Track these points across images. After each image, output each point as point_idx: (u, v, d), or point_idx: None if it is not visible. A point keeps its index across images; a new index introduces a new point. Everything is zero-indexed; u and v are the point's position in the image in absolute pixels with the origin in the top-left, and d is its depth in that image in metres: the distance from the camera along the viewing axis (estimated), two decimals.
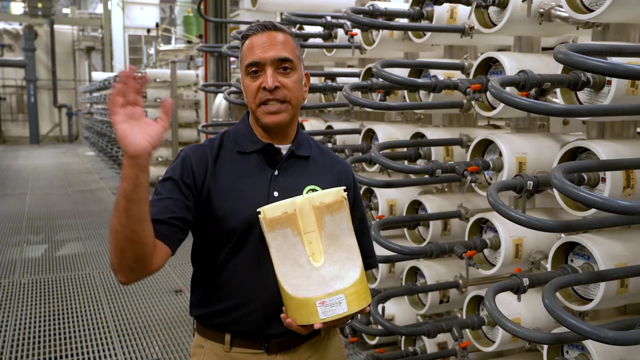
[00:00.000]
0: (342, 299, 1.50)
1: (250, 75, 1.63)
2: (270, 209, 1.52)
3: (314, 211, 1.52)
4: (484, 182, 2.78)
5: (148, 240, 1.44)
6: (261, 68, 1.61)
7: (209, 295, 1.69)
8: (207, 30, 7.65)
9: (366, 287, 1.57)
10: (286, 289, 1.52)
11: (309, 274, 1.51)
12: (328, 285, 1.50)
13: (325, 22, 3.90)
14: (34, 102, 22.84)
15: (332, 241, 1.54)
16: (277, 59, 1.61)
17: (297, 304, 1.51)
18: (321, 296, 1.49)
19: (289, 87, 1.62)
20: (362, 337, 3.85)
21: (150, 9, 24.99)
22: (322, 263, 1.52)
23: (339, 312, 1.49)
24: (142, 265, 1.47)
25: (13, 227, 7.95)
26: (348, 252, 1.55)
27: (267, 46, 1.61)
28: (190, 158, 1.65)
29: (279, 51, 1.61)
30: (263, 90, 1.61)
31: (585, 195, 1.71)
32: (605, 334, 1.76)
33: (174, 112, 10.20)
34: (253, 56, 1.61)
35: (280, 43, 1.62)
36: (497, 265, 2.75)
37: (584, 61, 1.75)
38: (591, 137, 2.57)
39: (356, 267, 1.55)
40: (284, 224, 1.51)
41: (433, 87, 2.88)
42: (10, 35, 24.51)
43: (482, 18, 2.81)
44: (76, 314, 4.74)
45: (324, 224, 1.53)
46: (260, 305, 1.64)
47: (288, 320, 1.54)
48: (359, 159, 3.46)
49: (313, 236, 1.52)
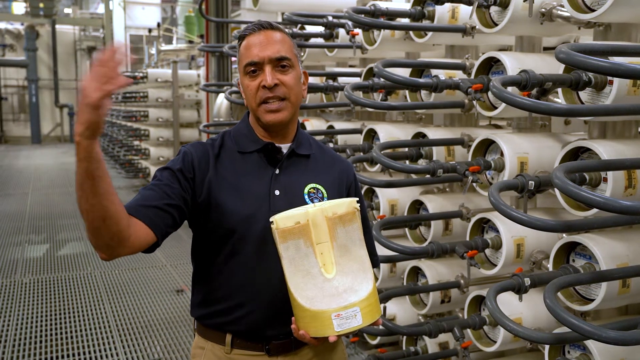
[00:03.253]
0: (357, 312, 1.48)
1: (249, 75, 1.63)
2: (283, 219, 1.50)
3: (327, 222, 1.51)
4: (485, 182, 2.78)
5: (120, 214, 1.41)
6: (259, 67, 1.61)
7: (210, 295, 1.69)
8: (208, 30, 7.66)
9: (377, 298, 1.57)
10: (299, 300, 1.50)
11: (322, 285, 1.50)
12: (342, 298, 1.49)
13: (326, 21, 3.90)
14: (35, 102, 22.86)
15: (344, 252, 1.53)
16: (275, 57, 1.61)
17: (311, 316, 1.49)
18: (337, 309, 1.48)
19: (288, 85, 1.62)
20: (364, 337, 3.85)
21: (151, 8, 24.99)
22: (334, 274, 1.51)
23: (354, 325, 1.48)
24: (119, 241, 1.44)
25: (15, 226, 7.96)
26: (360, 263, 1.55)
27: (265, 45, 1.61)
28: (192, 153, 1.65)
29: (277, 50, 1.61)
30: (263, 89, 1.61)
31: (586, 195, 1.71)
32: (606, 334, 1.75)
33: (176, 112, 10.22)
34: (251, 56, 1.61)
35: (277, 42, 1.62)
36: (499, 265, 2.75)
37: (585, 61, 1.75)
38: (593, 137, 2.57)
39: (369, 279, 1.54)
40: (297, 235, 1.50)
41: (434, 87, 2.88)
42: (12, 35, 24.54)
43: (483, 18, 2.81)
44: (77, 314, 4.74)
45: (336, 235, 1.52)
46: (261, 304, 1.64)
47: (301, 332, 1.52)
48: (360, 159, 3.46)
49: (325, 247, 1.51)
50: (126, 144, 11.90)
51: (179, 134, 10.34)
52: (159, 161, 10.55)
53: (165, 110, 10.69)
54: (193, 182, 1.62)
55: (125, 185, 11.45)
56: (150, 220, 1.51)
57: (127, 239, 1.45)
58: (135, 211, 1.51)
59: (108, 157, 14.34)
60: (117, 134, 12.55)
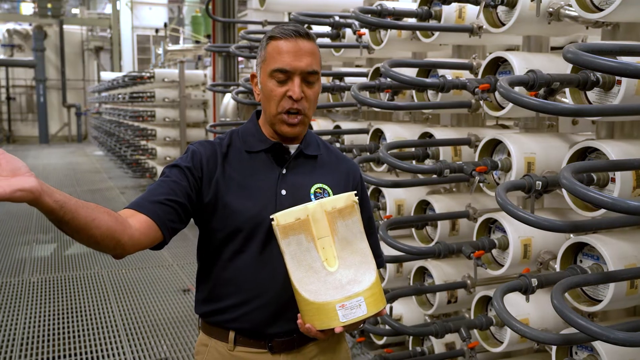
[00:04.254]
0: (361, 302, 1.50)
1: (276, 80, 1.61)
2: (283, 216, 1.52)
3: (327, 216, 1.52)
4: (492, 182, 2.77)
5: (111, 229, 1.39)
6: (289, 76, 1.60)
7: (214, 292, 1.69)
8: (215, 30, 7.66)
9: (381, 289, 1.58)
10: (303, 294, 1.51)
11: (325, 278, 1.51)
12: (345, 289, 1.50)
13: (333, 21, 3.90)
14: (43, 102, 22.96)
15: (345, 246, 1.55)
16: (307, 71, 1.60)
17: (316, 309, 1.51)
18: (341, 299, 1.49)
19: (310, 100, 1.64)
20: (370, 337, 3.85)
21: (158, 9, 25.06)
22: (336, 268, 1.52)
23: (359, 315, 1.49)
24: (122, 247, 1.44)
25: (22, 226, 8.00)
26: (362, 255, 1.56)
27: (299, 55, 1.59)
28: (200, 153, 1.65)
29: (309, 63, 1.61)
30: (288, 99, 1.61)
31: (594, 195, 1.70)
32: (614, 335, 1.74)
33: (183, 112, 10.24)
34: (283, 63, 1.59)
35: (310, 54, 1.61)
36: (506, 266, 2.74)
37: (593, 61, 1.74)
38: (600, 137, 2.55)
39: (371, 270, 1.55)
40: (297, 230, 1.51)
41: (441, 86, 2.88)
42: (20, 36, 24.66)
43: (490, 17, 2.80)
44: (85, 313, 4.76)
45: (336, 228, 1.53)
46: (265, 302, 1.65)
47: (307, 325, 1.53)
48: (367, 159, 3.46)
49: (326, 241, 1.53)
50: (133, 143, 11.94)
51: (186, 133, 10.36)
52: (166, 161, 10.57)
53: (172, 110, 10.72)
54: (201, 181, 1.62)
55: (132, 185, 11.49)
56: (155, 214, 1.52)
57: (129, 241, 1.45)
58: (140, 206, 1.52)
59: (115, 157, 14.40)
60: (124, 133, 12.59)
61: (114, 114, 14.59)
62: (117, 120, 13.87)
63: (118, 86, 13.30)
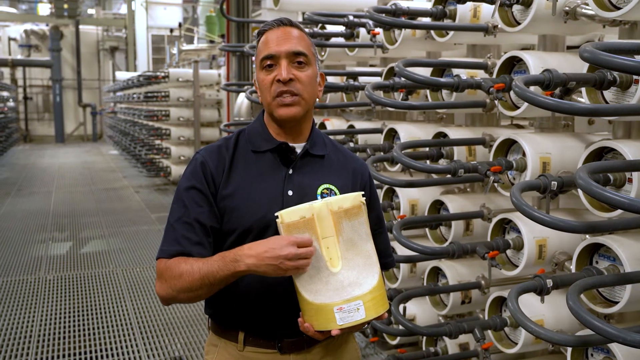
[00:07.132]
0: (360, 305, 1.49)
1: (265, 69, 1.63)
2: (288, 214, 1.50)
3: (332, 216, 1.51)
4: (507, 182, 2.75)
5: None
6: (276, 61, 1.61)
7: (223, 293, 1.70)
8: (229, 30, 7.70)
9: (384, 293, 1.56)
10: (304, 294, 1.51)
11: (327, 279, 1.50)
12: (346, 291, 1.49)
13: (347, 21, 3.90)
14: (59, 101, 23.19)
15: (350, 247, 1.53)
16: (292, 52, 1.61)
17: (315, 310, 1.51)
18: (339, 302, 1.48)
19: (302, 81, 1.62)
20: (383, 337, 3.85)
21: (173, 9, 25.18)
22: (339, 268, 1.51)
23: (356, 319, 1.48)
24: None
25: (39, 224, 8.09)
26: (366, 257, 1.54)
27: (282, 40, 1.62)
28: (208, 163, 1.66)
29: (294, 45, 1.62)
30: (277, 83, 1.61)
31: (611, 196, 1.69)
32: (632, 337, 1.72)
33: (197, 111, 10.30)
34: (268, 49, 1.62)
35: (295, 37, 1.63)
36: (520, 266, 2.72)
37: (610, 60, 1.72)
38: (617, 137, 2.53)
39: (374, 273, 1.54)
40: (302, 229, 1.49)
41: (456, 86, 2.86)
42: (37, 36, 24.92)
43: (505, 17, 2.78)
44: (100, 311, 4.81)
45: (341, 229, 1.52)
46: (274, 302, 1.65)
47: (306, 325, 1.54)
48: (381, 159, 3.45)
49: (331, 241, 1.51)
50: (147, 143, 12.03)
51: (200, 133, 10.43)
52: (180, 160, 10.64)
53: (186, 109, 10.78)
54: (215, 192, 1.65)
55: (147, 184, 11.56)
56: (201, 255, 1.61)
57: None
58: (189, 253, 1.60)
59: (130, 156, 14.51)
60: (139, 133, 12.69)
61: (128, 113, 14.71)
62: (132, 119, 13.98)
63: (133, 86, 13.41)
